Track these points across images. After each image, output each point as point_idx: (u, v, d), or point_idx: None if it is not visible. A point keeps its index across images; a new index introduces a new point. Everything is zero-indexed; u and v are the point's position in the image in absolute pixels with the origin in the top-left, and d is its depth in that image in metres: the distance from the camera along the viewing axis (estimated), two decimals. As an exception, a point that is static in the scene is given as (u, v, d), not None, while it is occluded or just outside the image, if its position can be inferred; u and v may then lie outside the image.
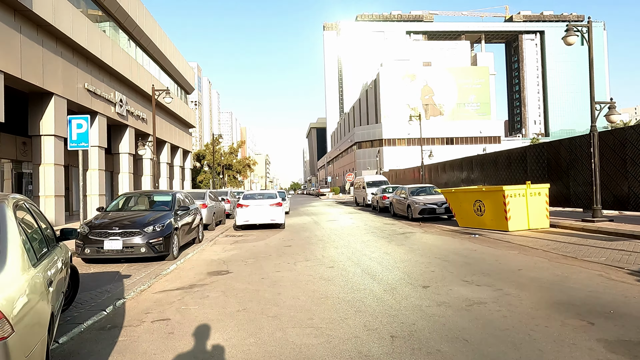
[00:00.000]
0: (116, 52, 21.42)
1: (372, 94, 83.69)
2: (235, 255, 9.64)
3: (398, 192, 19.52)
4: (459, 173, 24.52)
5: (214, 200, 16.30)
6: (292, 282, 6.53)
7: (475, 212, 13.01)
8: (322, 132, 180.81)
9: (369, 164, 68.21)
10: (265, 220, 15.00)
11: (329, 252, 9.62)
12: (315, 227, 15.72)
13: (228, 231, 15.32)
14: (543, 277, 6.25)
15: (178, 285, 6.67)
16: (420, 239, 11.43)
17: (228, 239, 12.82)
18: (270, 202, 15.16)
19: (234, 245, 11.30)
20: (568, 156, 14.80)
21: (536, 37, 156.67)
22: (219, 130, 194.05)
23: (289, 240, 11.97)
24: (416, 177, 33.09)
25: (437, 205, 16.37)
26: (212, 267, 8.21)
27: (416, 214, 16.58)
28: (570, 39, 11.44)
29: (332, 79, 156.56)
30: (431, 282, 6.17)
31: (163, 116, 30.13)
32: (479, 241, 10.40)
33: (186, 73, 36.02)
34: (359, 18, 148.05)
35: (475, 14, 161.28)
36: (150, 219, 8.48)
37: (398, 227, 14.61)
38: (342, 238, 12.13)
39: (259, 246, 11.00)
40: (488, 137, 70.07)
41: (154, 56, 28.38)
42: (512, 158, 18.45)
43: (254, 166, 67.02)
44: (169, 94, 18.08)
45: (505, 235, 11.20)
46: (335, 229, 14.97)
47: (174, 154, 34.29)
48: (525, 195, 11.94)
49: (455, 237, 11.44)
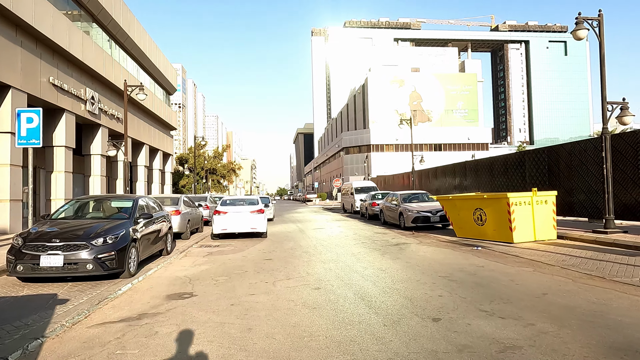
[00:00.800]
0: (88, 45, 19.89)
1: (360, 99, 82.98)
2: (206, 271, 8.28)
3: (389, 199, 18.37)
4: (451, 179, 23.53)
5: (189, 206, 14.88)
6: (269, 311, 5.22)
7: (475, 222, 11.89)
8: (309, 137, 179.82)
9: (356, 169, 67.23)
10: (245, 229, 13.65)
11: (314, 267, 8.33)
12: (301, 237, 14.42)
13: (204, 240, 13.91)
14: (578, 306, 5.07)
15: (124, 314, 5.30)
16: (416, 251, 10.23)
17: (202, 250, 11.43)
18: (250, 208, 13.82)
19: (207, 258, 9.92)
20: (571, 162, 13.84)
21: (521, 46, 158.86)
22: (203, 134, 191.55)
23: (270, 252, 10.65)
24: (406, 184, 32.07)
25: (432, 213, 15.25)
26: (175, 287, 6.84)
27: (409, 222, 15.43)
28: (580, 33, 10.45)
29: (319, 84, 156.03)
30: (442, 313, 4.94)
31: (141, 117, 28.55)
32: (484, 255, 9.24)
33: (168, 72, 34.50)
34: (347, 24, 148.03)
35: (462, 23, 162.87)
36: (101, 229, 7.09)
37: (390, 237, 13.41)
38: (330, 250, 10.86)
39: (235, 259, 9.65)
40: (476, 143, 69.80)
41: (131, 53, 26.85)
42: (509, 164, 17.48)
43: (239, 171, 65.37)
44: (142, 90, 16.64)
45: (511, 247, 10.07)
46: (322, 238, 13.69)
47: (153, 156, 32.63)
48: (531, 204, 10.87)
49: (455, 249, 10.27)
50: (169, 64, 35.06)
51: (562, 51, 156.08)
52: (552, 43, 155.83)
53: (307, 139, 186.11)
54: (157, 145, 32.35)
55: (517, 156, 17.08)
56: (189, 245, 12.48)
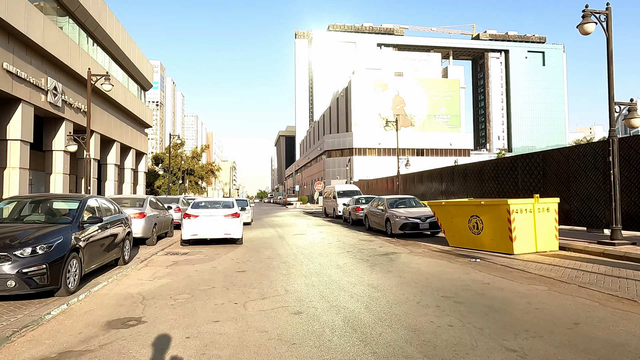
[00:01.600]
0: (50, 30, 18.22)
1: (343, 102, 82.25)
2: (166, 286, 6.98)
3: (374, 204, 17.32)
4: (437, 184, 22.68)
5: (157, 208, 13.46)
6: (234, 350, 4.00)
7: (470, 230, 10.91)
8: (291, 140, 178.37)
9: (338, 173, 66.31)
10: (218, 235, 12.33)
11: (294, 283, 7.14)
12: (280, 243, 13.18)
13: (172, 247, 12.52)
14: (625, 343, 4.04)
15: (40, 352, 4.00)
16: (409, 263, 9.14)
17: (167, 259, 10.07)
18: (225, 212, 12.51)
19: (170, 269, 8.60)
20: (569, 167, 13.06)
21: (501, 55, 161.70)
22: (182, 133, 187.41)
23: (245, 263, 9.39)
24: (389, 188, 31.19)
25: (421, 219, 14.26)
26: (122, 309, 5.54)
27: (396, 229, 14.38)
28: (587, 27, 9.63)
29: (302, 87, 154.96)
30: (459, 354, 3.82)
31: (112, 112, 26.80)
32: (485, 268, 8.22)
33: (143, 67, 32.77)
34: (331, 28, 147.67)
35: (444, 31, 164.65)
36: (30, 237, 5.73)
37: (377, 245, 12.32)
38: (312, 260, 9.67)
39: (202, 271, 8.36)
40: (458, 149, 69.90)
41: (102, 43, 25.15)
42: (500, 168, 16.68)
43: (218, 172, 63.51)
44: (109, 80, 15.13)
45: (513, 260, 9.10)
46: (304, 246, 12.49)
47: (124, 154, 30.83)
48: (532, 211, 9.95)
49: (451, 261, 9.24)
50: (144, 59, 33.34)
51: (541, 61, 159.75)
52: (530, 53, 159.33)
53: (288, 141, 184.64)
54: (130, 143, 30.57)
55: (509, 161, 16.29)
56: (154, 252, 11.09)
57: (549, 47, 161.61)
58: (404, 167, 25.61)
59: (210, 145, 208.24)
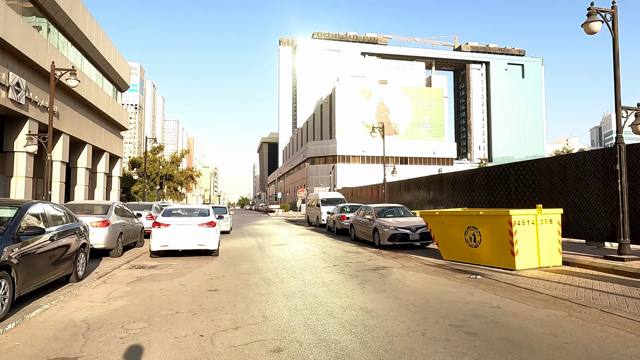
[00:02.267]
0: (13, 21, 16.84)
1: (327, 109, 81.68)
2: (120, 310, 5.85)
3: (361, 213, 16.41)
4: (424, 193, 21.96)
5: (124, 215, 12.22)
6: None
7: (467, 242, 10.07)
8: (274, 147, 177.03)
9: (321, 180, 65.41)
10: (191, 245, 11.18)
11: (275, 306, 6.10)
12: (259, 256, 12.10)
13: (139, 259, 11.30)
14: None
15: None
16: (403, 279, 8.21)
17: (130, 274, 8.89)
18: (199, 220, 11.37)
19: (131, 287, 7.45)
20: (566, 176, 12.43)
21: (482, 67, 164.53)
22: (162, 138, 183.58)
23: (219, 279, 8.29)
24: (374, 196, 30.41)
25: (411, 230, 13.39)
26: (55, 345, 4.41)
27: (385, 240, 13.48)
28: (593, 26, 8.99)
29: (286, 93, 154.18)
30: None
31: (84, 112, 25.29)
32: (489, 287, 7.35)
33: (120, 67, 31.31)
34: (315, 36, 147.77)
35: (426, 41, 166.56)
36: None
37: (365, 258, 11.36)
38: (295, 276, 8.64)
39: (168, 290, 7.24)
40: (441, 158, 69.95)
41: (74, 40, 23.71)
42: (491, 177, 16.01)
43: (198, 178, 61.77)
44: (74, 75, 13.87)
45: (516, 276, 8.27)
46: (286, 258, 11.44)
47: (97, 158, 29.23)
48: (535, 223, 9.17)
49: (449, 277, 8.34)
50: (121, 58, 31.88)
51: (520, 74, 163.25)
52: (510, 65, 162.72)
53: (271, 148, 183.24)
54: (103, 146, 28.99)
55: (501, 169, 15.63)
56: (116, 265, 9.86)
57: (528, 59, 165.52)
58: (390, 175, 24.85)
59: (192, 151, 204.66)
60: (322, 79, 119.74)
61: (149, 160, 53.86)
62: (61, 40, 22.68)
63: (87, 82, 24.61)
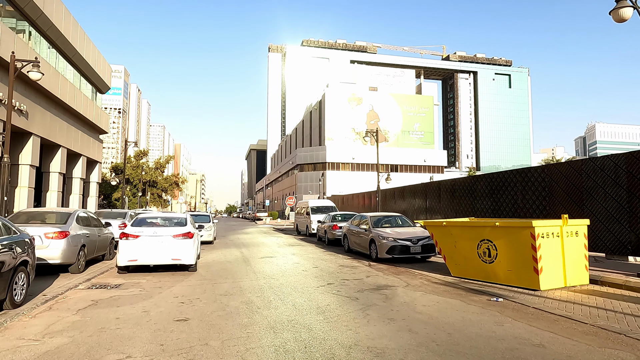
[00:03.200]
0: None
1: (316, 115, 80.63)
2: (54, 353, 4.45)
3: (355, 222, 15.13)
4: (420, 201, 20.80)
5: (88, 225, 10.73)
6: None
7: (480, 257, 8.85)
8: (262, 154, 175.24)
9: (310, 188, 64.07)
10: (164, 260, 9.75)
11: (258, 346, 4.75)
12: (243, 271, 10.71)
13: (104, 275, 9.83)
14: None
15: None
16: (412, 303, 6.93)
17: (86, 296, 7.44)
18: (174, 231, 9.96)
19: (81, 316, 6.02)
20: (581, 183, 11.35)
21: (470, 76, 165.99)
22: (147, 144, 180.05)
23: (192, 303, 6.90)
24: (367, 204, 29.21)
25: (412, 242, 12.15)
26: None
27: (383, 252, 12.21)
28: (624, 12, 7.95)
29: (274, 101, 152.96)
30: None
31: (58, 113, 23.65)
32: (517, 314, 6.11)
33: (99, 67, 29.71)
34: (305, 43, 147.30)
35: (415, 50, 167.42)
36: None
37: (363, 274, 10.07)
38: (284, 298, 7.29)
39: (127, 318, 5.84)
40: (432, 166, 69.26)
41: (48, 35, 22.14)
42: (495, 184, 14.90)
43: (183, 185, 59.89)
44: (37, 66, 12.39)
45: (544, 299, 7.06)
46: (273, 274, 10.07)
47: (72, 162, 27.49)
48: (560, 235, 8.00)
49: (465, 300, 7.09)
50: (101, 58, 30.29)
51: (507, 84, 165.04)
52: (498, 75, 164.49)
53: (259, 155, 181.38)
54: (80, 149, 27.28)
55: (506, 176, 14.54)
56: (74, 284, 8.39)
57: (515, 69, 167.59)
58: (385, 182, 23.68)
59: (178, 157, 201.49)
60: (311, 87, 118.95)
61: (132, 166, 51.98)
62: (34, 35, 21.12)
63: (61, 81, 23.01)
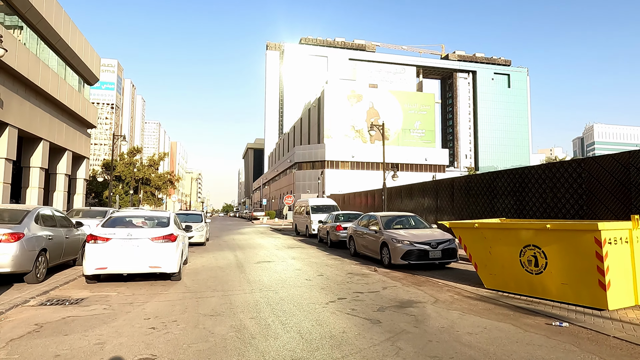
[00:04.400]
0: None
1: (315, 112, 78.93)
2: None
3: (363, 222, 13.54)
4: (430, 200, 19.23)
5: (53, 225, 9.07)
6: None
7: (523, 267, 7.27)
8: (259, 153, 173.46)
9: (309, 187, 62.46)
10: (140, 268, 8.10)
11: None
12: (236, 280, 9.09)
13: (67, 286, 8.20)
14: None
15: None
16: (451, 330, 5.33)
17: (31, 317, 5.81)
18: (153, 233, 8.31)
19: (6, 352, 4.39)
20: (629, 179, 9.79)
21: (469, 76, 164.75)
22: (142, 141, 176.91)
23: (165, 329, 5.28)
24: (369, 204, 27.66)
25: (431, 246, 10.58)
26: None
27: (397, 258, 10.62)
28: None
29: (272, 99, 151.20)
30: None
31: (39, 103, 21.93)
32: (602, 349, 4.54)
33: (87, 56, 27.98)
34: (303, 41, 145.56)
35: (414, 49, 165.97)
36: None
37: (379, 285, 8.47)
38: (286, 322, 5.68)
39: (71, 355, 4.21)
40: (434, 165, 67.75)
41: (27, 18, 20.42)
42: (519, 181, 13.33)
43: (178, 182, 58.12)
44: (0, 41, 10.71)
45: (622, 323, 5.49)
46: (271, 285, 8.46)
47: (56, 157, 25.77)
48: (629, 241, 6.43)
49: (519, 325, 5.50)
50: (89, 47, 28.55)
51: (506, 83, 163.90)
52: (497, 75, 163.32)
53: (257, 154, 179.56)
54: (64, 143, 25.54)
55: (532, 171, 12.97)
56: (24, 299, 6.76)
57: (514, 69, 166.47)
58: (392, 180, 22.14)
59: (174, 156, 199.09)
60: (309, 85, 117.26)
61: (125, 163, 50.21)
62: (14, 20, 19.41)
63: (42, 68, 21.29)
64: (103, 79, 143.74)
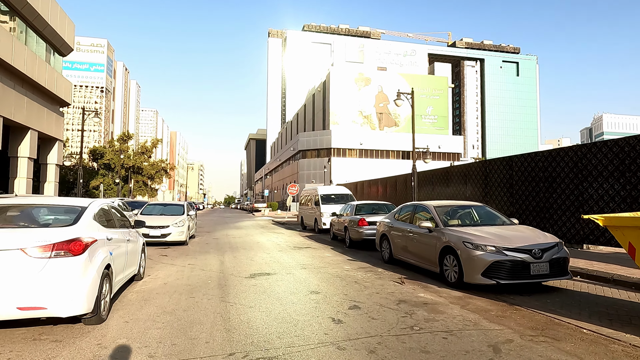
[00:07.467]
0: None
1: (320, 98, 74.46)
2: None
3: (405, 215, 9.45)
4: (475, 188, 15.08)
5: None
6: None
7: None
8: (261, 143, 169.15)
9: (314, 176, 58.38)
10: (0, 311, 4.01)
11: None
12: (205, 328, 4.97)
13: None
14: None
15: None
16: None
17: None
18: (28, 240, 4.17)
19: None
20: None
21: (477, 64, 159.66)
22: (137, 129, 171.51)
23: None
24: (389, 193, 23.55)
25: (532, 254, 6.45)
26: None
27: (475, 273, 6.52)
28: None
29: (274, 88, 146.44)
30: None
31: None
32: None
33: (57, 22, 23.82)
34: (306, 28, 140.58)
35: (420, 37, 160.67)
36: None
37: (468, 335, 4.35)
38: None
39: None
40: (448, 153, 63.42)
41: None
42: (586, 162, 9.15)
43: (171, 171, 54.09)
44: None
45: None
46: (269, 341, 4.34)
47: (17, 138, 21.77)
48: None
49: None
50: (59, 9, 24.35)
51: (515, 72, 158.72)
52: (505, 63, 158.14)
53: (259, 145, 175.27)
54: (25, 121, 21.48)
55: (584, 151, 8.78)
56: None
57: (523, 57, 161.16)
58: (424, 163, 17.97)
59: (174, 146, 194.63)
60: (313, 73, 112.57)
61: (114, 150, 46.19)
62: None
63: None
64: (91, 60, 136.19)
